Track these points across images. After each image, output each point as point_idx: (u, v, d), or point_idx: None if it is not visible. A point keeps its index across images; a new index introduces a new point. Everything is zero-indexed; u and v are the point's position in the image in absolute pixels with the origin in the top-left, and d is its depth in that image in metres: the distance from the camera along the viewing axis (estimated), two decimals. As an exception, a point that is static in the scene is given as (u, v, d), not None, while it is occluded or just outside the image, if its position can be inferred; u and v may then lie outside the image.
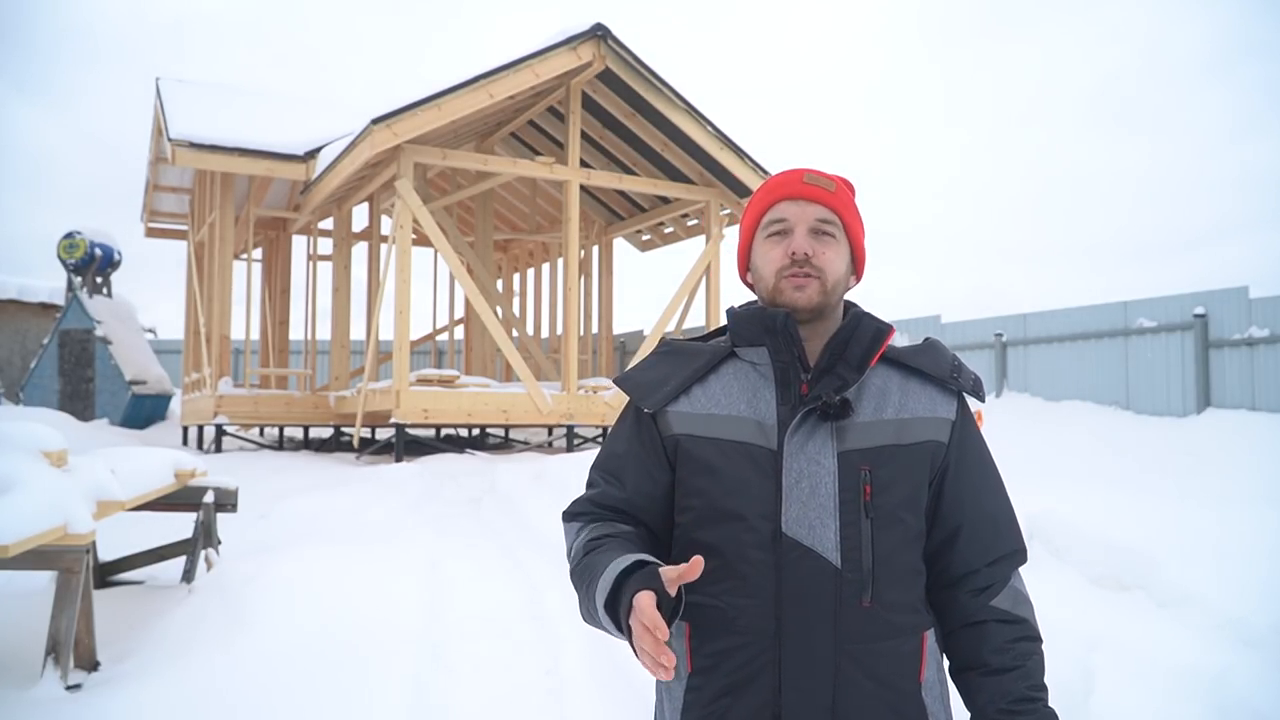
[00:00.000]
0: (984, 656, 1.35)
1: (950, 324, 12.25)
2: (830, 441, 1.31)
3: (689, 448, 1.37)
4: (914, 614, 1.33)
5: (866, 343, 1.37)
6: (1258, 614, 4.10)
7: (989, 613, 1.36)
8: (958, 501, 1.38)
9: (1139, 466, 8.29)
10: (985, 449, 1.45)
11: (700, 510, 1.35)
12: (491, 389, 10.68)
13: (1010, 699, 1.32)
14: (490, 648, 4.13)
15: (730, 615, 1.29)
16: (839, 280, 1.41)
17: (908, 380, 1.40)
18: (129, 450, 4.99)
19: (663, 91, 10.92)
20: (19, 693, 3.37)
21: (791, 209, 1.41)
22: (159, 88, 13.19)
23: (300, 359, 15.86)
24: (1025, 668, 1.34)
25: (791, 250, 1.38)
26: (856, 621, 1.27)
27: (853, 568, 1.28)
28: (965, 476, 1.40)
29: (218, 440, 11.74)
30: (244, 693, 3.40)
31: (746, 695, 1.28)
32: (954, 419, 1.40)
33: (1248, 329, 8.98)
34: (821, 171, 1.44)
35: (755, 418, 1.35)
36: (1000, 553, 1.39)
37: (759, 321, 1.39)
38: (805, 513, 1.29)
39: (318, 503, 7.31)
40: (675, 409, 1.40)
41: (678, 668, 1.32)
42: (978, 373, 1.44)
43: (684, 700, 1.33)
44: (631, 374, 1.47)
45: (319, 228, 14.13)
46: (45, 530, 3.23)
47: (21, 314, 18.92)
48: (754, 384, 1.38)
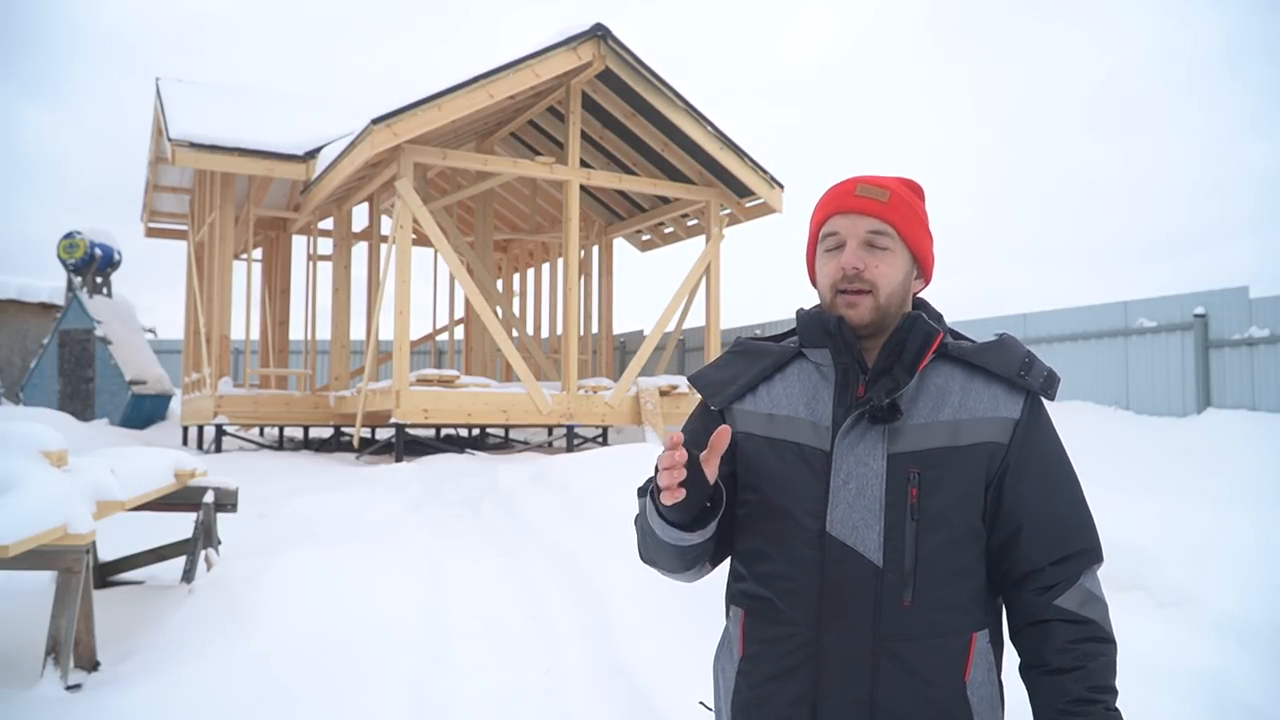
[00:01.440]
0: (1045, 656, 1.35)
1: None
2: (881, 444, 1.34)
3: (748, 446, 1.42)
4: (962, 614, 1.34)
5: (918, 345, 1.38)
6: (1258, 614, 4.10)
7: (1053, 612, 1.35)
8: (1019, 501, 1.37)
9: (1139, 466, 8.29)
10: (1055, 447, 1.42)
11: (754, 505, 1.40)
12: (491, 389, 10.68)
13: (1068, 699, 1.31)
14: (490, 648, 4.13)
15: (778, 607, 1.36)
16: (894, 292, 1.41)
17: (972, 379, 1.40)
18: (129, 450, 4.99)
19: (663, 91, 10.92)
20: (19, 693, 3.37)
21: (843, 222, 1.42)
22: (159, 88, 13.19)
23: (300, 359, 15.87)
24: (1087, 668, 1.33)
25: (842, 265, 1.40)
26: (897, 620, 1.30)
27: (894, 568, 1.31)
28: (1028, 476, 1.38)
29: (218, 440, 11.74)
30: (244, 692, 3.40)
31: (789, 683, 1.33)
32: (1018, 418, 1.38)
33: (1248, 329, 8.98)
34: (877, 179, 1.44)
35: (812, 419, 1.39)
36: (1066, 552, 1.37)
37: (818, 324, 1.42)
38: (850, 513, 1.32)
39: (318, 503, 7.31)
40: (740, 407, 1.46)
41: (732, 650, 1.42)
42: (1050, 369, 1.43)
43: (735, 681, 1.40)
44: (704, 372, 1.53)
45: (319, 228, 14.13)
46: (45, 530, 3.23)
47: (21, 314, 18.92)
48: (815, 385, 1.42)
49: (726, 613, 1.48)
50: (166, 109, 12.26)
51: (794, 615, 1.34)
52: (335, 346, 12.82)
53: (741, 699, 1.38)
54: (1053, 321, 10.92)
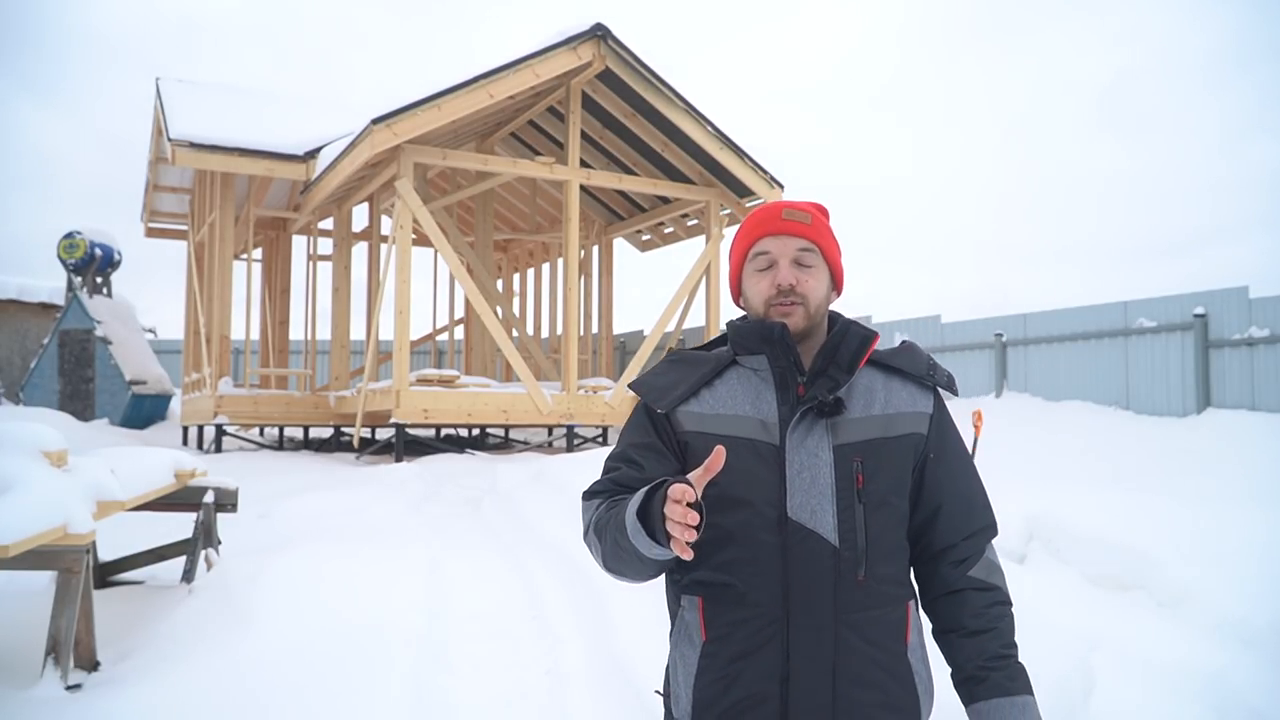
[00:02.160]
0: (963, 620, 1.52)
1: (950, 324, 12.25)
2: (826, 436, 1.49)
3: (699, 445, 1.53)
4: (900, 586, 1.51)
5: (855, 347, 1.54)
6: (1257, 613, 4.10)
7: (967, 582, 1.54)
8: (937, 485, 1.56)
9: (1139, 466, 8.29)
10: (959, 437, 1.63)
11: (712, 499, 1.47)
12: (491, 389, 10.69)
13: (986, 656, 1.50)
14: (490, 648, 4.13)
15: (742, 590, 1.46)
16: (820, 303, 1.57)
17: (890, 379, 1.58)
18: (129, 450, 4.99)
19: (663, 91, 10.92)
20: (19, 693, 3.37)
21: (774, 243, 1.58)
22: (159, 88, 13.19)
23: (300, 359, 15.87)
24: (998, 629, 1.52)
25: (777, 283, 1.55)
26: (853, 594, 1.45)
27: (849, 546, 1.46)
28: (943, 463, 1.57)
29: (218, 440, 11.74)
30: (244, 693, 3.40)
31: (758, 659, 1.45)
32: (931, 412, 1.58)
33: (1248, 329, 8.98)
34: (798, 204, 1.61)
35: (759, 416, 1.52)
36: (975, 528, 1.57)
37: (757, 333, 1.55)
38: (807, 500, 1.46)
39: (318, 503, 7.31)
40: (686, 409, 1.56)
41: (691, 636, 1.51)
42: (952, 372, 1.66)
43: (699, 665, 1.49)
44: (645, 379, 1.63)
45: (319, 228, 14.13)
46: (45, 530, 3.23)
47: (21, 314, 18.92)
48: (756, 387, 1.55)
49: (676, 602, 1.57)
50: (166, 109, 12.26)
51: (759, 597, 1.45)
52: (335, 346, 12.82)
53: (707, 680, 1.48)
54: (1053, 321, 10.92)
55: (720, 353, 1.62)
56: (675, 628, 1.56)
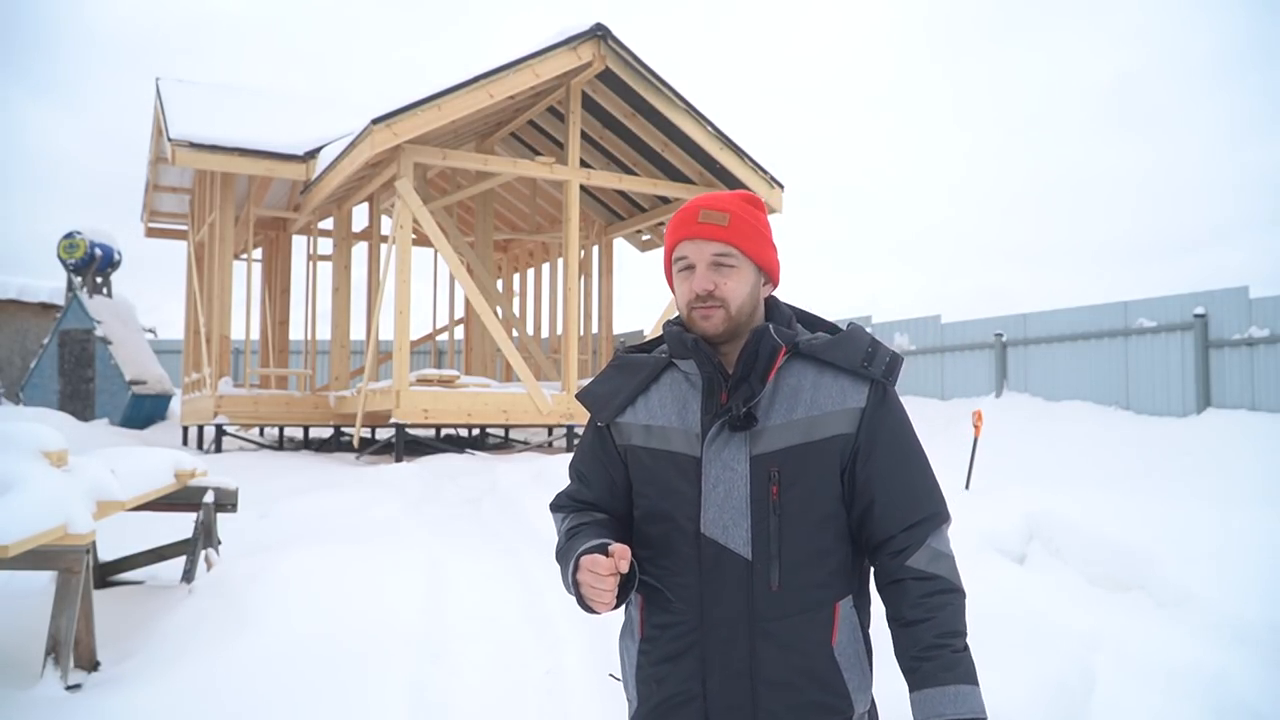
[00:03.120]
0: (902, 610, 1.51)
1: (950, 324, 12.25)
2: (744, 447, 1.50)
3: (632, 457, 1.61)
4: (824, 588, 1.51)
5: (767, 356, 1.52)
6: (1256, 613, 4.10)
7: (905, 572, 1.52)
8: (869, 480, 1.53)
9: (1139, 466, 8.29)
10: (901, 427, 1.57)
11: (644, 509, 1.59)
12: (491, 389, 10.68)
13: (920, 646, 1.48)
14: (490, 648, 4.13)
15: (667, 598, 1.54)
16: (743, 303, 1.55)
17: (822, 374, 1.54)
18: (129, 450, 4.99)
19: (663, 91, 10.92)
20: (19, 693, 3.37)
21: (691, 248, 1.56)
22: (159, 88, 13.19)
23: (300, 359, 15.87)
24: (936, 618, 1.48)
25: (694, 289, 1.54)
26: (768, 602, 1.48)
27: (762, 559, 1.48)
28: (876, 457, 1.53)
29: (218, 440, 11.74)
30: (244, 693, 3.40)
31: (681, 663, 1.51)
32: (864, 406, 1.53)
33: (1248, 329, 8.98)
34: (718, 203, 1.57)
35: (683, 428, 1.55)
36: (915, 518, 1.53)
37: (679, 341, 1.57)
38: (721, 515, 1.49)
39: (318, 503, 7.31)
40: (623, 420, 1.62)
41: (633, 631, 1.60)
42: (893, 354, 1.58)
43: (637, 660, 1.58)
44: (589, 389, 1.67)
45: (319, 228, 14.13)
46: (45, 530, 3.23)
47: (21, 314, 18.92)
48: (684, 394, 1.58)
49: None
50: (166, 109, 12.26)
51: (680, 606, 1.51)
52: (335, 346, 12.82)
53: (643, 675, 1.57)
54: (1053, 321, 10.92)
55: (659, 355, 1.64)
56: (625, 618, 1.65)
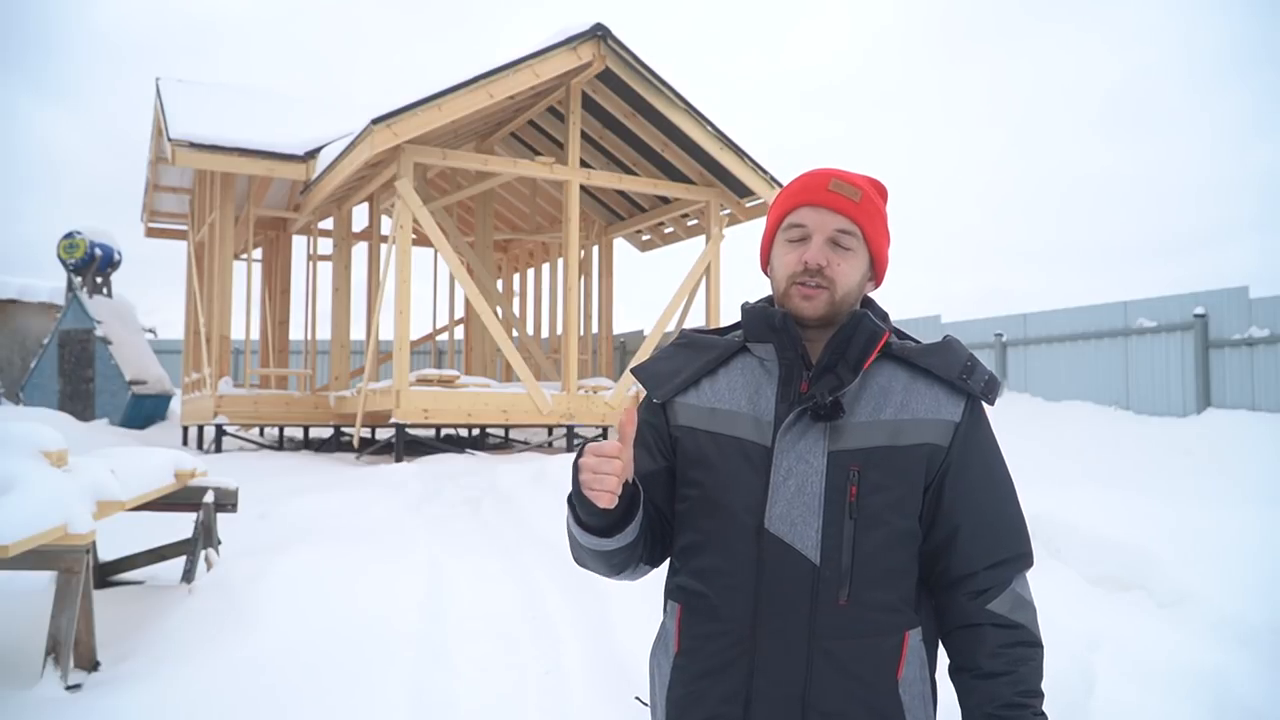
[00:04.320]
0: (977, 660, 1.36)
1: (950, 324, 12.25)
2: (822, 440, 1.33)
3: (688, 441, 1.42)
4: (895, 613, 1.34)
5: (862, 344, 1.37)
6: (1257, 613, 4.10)
7: (985, 616, 1.36)
8: (956, 503, 1.37)
9: (1139, 466, 8.29)
10: (994, 451, 1.43)
11: (695, 500, 1.40)
12: (491, 389, 10.68)
13: (998, 703, 1.33)
14: (490, 648, 4.13)
15: (714, 603, 1.34)
16: (850, 291, 1.41)
17: (915, 380, 1.40)
18: (129, 450, 4.99)
19: (663, 91, 10.91)
20: (19, 693, 3.37)
21: (812, 216, 1.40)
22: (159, 88, 13.19)
23: (300, 359, 15.86)
24: (1018, 673, 1.34)
25: (805, 259, 1.38)
26: (832, 618, 1.30)
27: (831, 566, 1.31)
28: (966, 479, 1.38)
29: (218, 440, 11.74)
30: (244, 692, 3.40)
31: (722, 680, 1.32)
32: (958, 420, 1.38)
33: (1248, 329, 8.98)
34: (850, 176, 1.42)
35: (754, 414, 1.38)
36: (1001, 557, 1.38)
37: (763, 319, 1.41)
38: (789, 510, 1.32)
39: (318, 503, 7.30)
40: (683, 400, 1.45)
41: (668, 645, 1.41)
42: (991, 373, 1.44)
43: (671, 676, 1.39)
44: (647, 364, 1.51)
45: (319, 228, 14.13)
46: (45, 530, 3.23)
47: (21, 314, 18.91)
48: (758, 380, 1.41)
49: (664, 607, 1.46)
50: (166, 109, 12.25)
51: (729, 612, 1.33)
52: (335, 346, 12.82)
53: (676, 695, 1.37)
54: (1053, 321, 10.92)
55: (731, 338, 1.48)
56: (658, 633, 1.47)
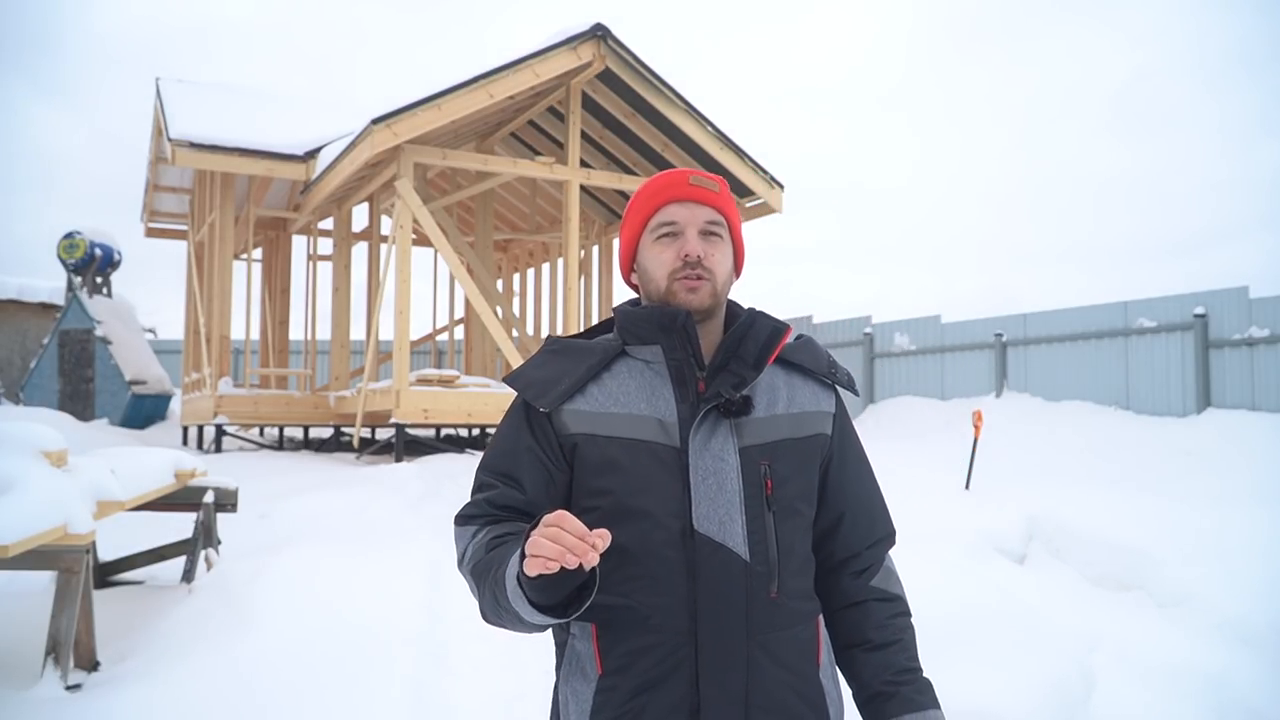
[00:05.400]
0: (867, 634, 1.42)
1: (950, 324, 12.25)
2: (731, 438, 1.35)
3: (589, 448, 1.36)
4: (809, 600, 1.40)
5: (762, 341, 1.41)
6: (1256, 613, 4.10)
7: (869, 593, 1.44)
8: (840, 490, 1.46)
9: (1139, 467, 8.29)
10: (858, 439, 1.54)
11: (606, 510, 1.34)
12: (491, 389, 10.68)
13: (893, 671, 1.39)
14: (490, 648, 4.13)
15: (643, 614, 1.30)
16: (725, 280, 1.44)
17: (791, 376, 1.46)
18: (129, 450, 4.99)
19: (663, 91, 10.92)
20: (19, 693, 3.37)
21: (681, 211, 1.42)
22: (159, 88, 13.19)
23: (300, 359, 15.86)
24: (903, 641, 1.42)
25: (685, 253, 1.40)
26: (765, 612, 1.32)
27: (760, 560, 1.32)
28: (846, 466, 1.47)
29: (218, 440, 11.74)
30: (244, 693, 3.40)
31: (663, 691, 1.29)
32: (834, 411, 1.47)
33: (1248, 329, 8.98)
34: (703, 173, 1.47)
35: (656, 416, 1.36)
36: (878, 536, 1.48)
37: (654, 320, 1.39)
38: (714, 509, 1.31)
39: (318, 503, 7.31)
40: (572, 407, 1.38)
41: (584, 669, 1.34)
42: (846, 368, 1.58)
43: (594, 702, 1.32)
44: (523, 372, 1.45)
45: (319, 228, 14.13)
46: (45, 530, 3.23)
47: (21, 314, 18.92)
48: (651, 382, 1.39)
49: (565, 631, 1.39)
50: (166, 109, 12.26)
51: (662, 620, 1.29)
52: (335, 346, 12.81)
53: (605, 717, 1.31)
54: (1053, 321, 10.92)
55: (606, 341, 1.45)
56: (564, 659, 1.39)
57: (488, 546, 1.32)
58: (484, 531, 1.37)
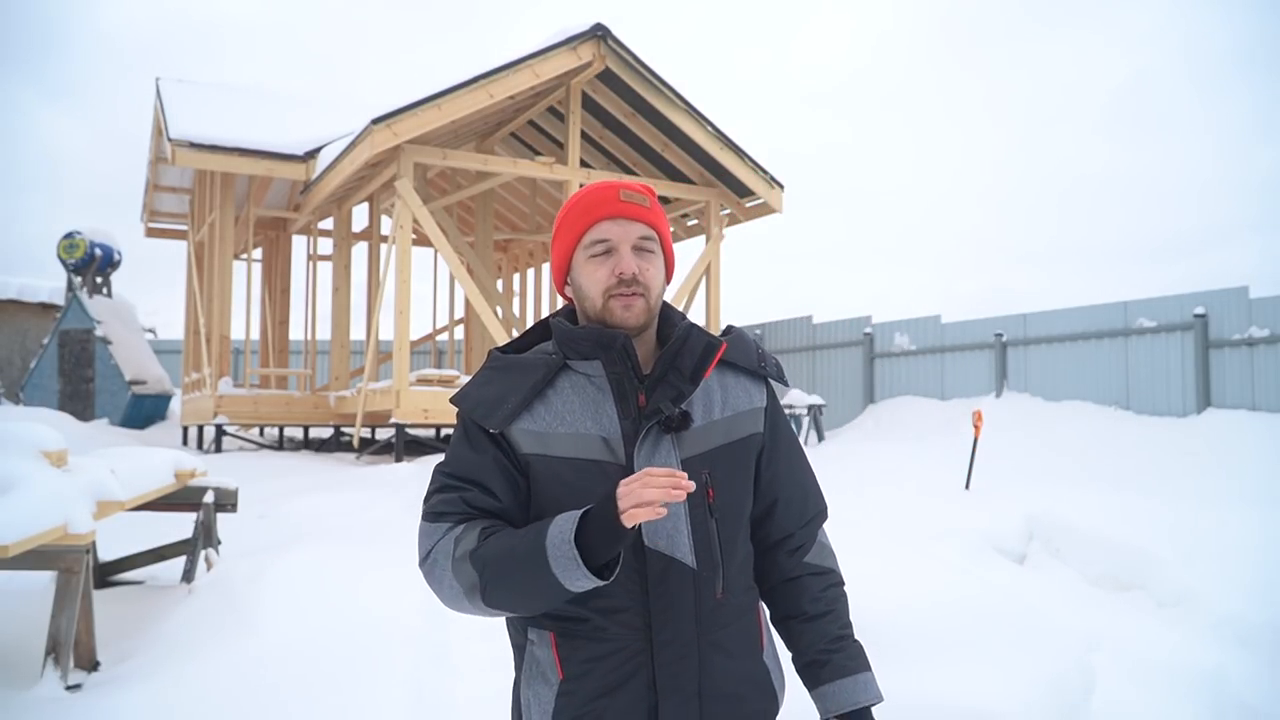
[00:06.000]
0: (803, 606, 1.52)
1: (950, 324, 12.25)
2: (674, 450, 1.41)
3: (540, 468, 1.41)
4: (750, 591, 1.50)
5: (698, 355, 1.44)
6: (1256, 613, 4.10)
7: (804, 568, 1.54)
8: (775, 477, 1.54)
9: (1139, 466, 8.29)
10: (789, 425, 1.62)
11: None
12: (491, 389, 10.67)
13: (828, 639, 1.50)
14: (490, 648, 4.13)
15: (599, 624, 1.37)
16: (660, 293, 1.49)
17: (723, 375, 1.51)
18: (129, 450, 4.99)
19: (663, 91, 10.92)
20: (19, 693, 3.37)
21: (613, 229, 1.45)
22: (159, 88, 13.19)
23: (300, 359, 15.86)
24: (836, 610, 1.53)
25: (619, 271, 1.43)
26: (712, 612, 1.41)
27: (706, 565, 1.40)
28: (778, 454, 1.56)
29: (218, 440, 11.74)
30: (244, 693, 3.40)
31: (622, 694, 1.37)
32: (765, 405, 1.55)
33: (1248, 329, 8.98)
34: (632, 185, 1.48)
35: (601, 434, 1.40)
36: (810, 515, 1.57)
37: (594, 339, 1.43)
38: (662, 524, 1.38)
39: (318, 503, 7.31)
40: (520, 427, 1.42)
41: (545, 675, 1.40)
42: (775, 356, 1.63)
43: (555, 705, 1.38)
44: (468, 392, 1.48)
45: (319, 228, 14.13)
46: (45, 530, 3.23)
47: (21, 314, 18.92)
48: (593, 398, 1.43)
49: (522, 634, 1.45)
50: (166, 109, 12.26)
51: (618, 631, 1.37)
52: (335, 346, 12.82)
53: (567, 718, 1.37)
54: (1053, 321, 10.92)
55: (549, 357, 1.47)
56: (524, 662, 1.45)
57: (480, 537, 1.35)
58: (463, 527, 1.39)
